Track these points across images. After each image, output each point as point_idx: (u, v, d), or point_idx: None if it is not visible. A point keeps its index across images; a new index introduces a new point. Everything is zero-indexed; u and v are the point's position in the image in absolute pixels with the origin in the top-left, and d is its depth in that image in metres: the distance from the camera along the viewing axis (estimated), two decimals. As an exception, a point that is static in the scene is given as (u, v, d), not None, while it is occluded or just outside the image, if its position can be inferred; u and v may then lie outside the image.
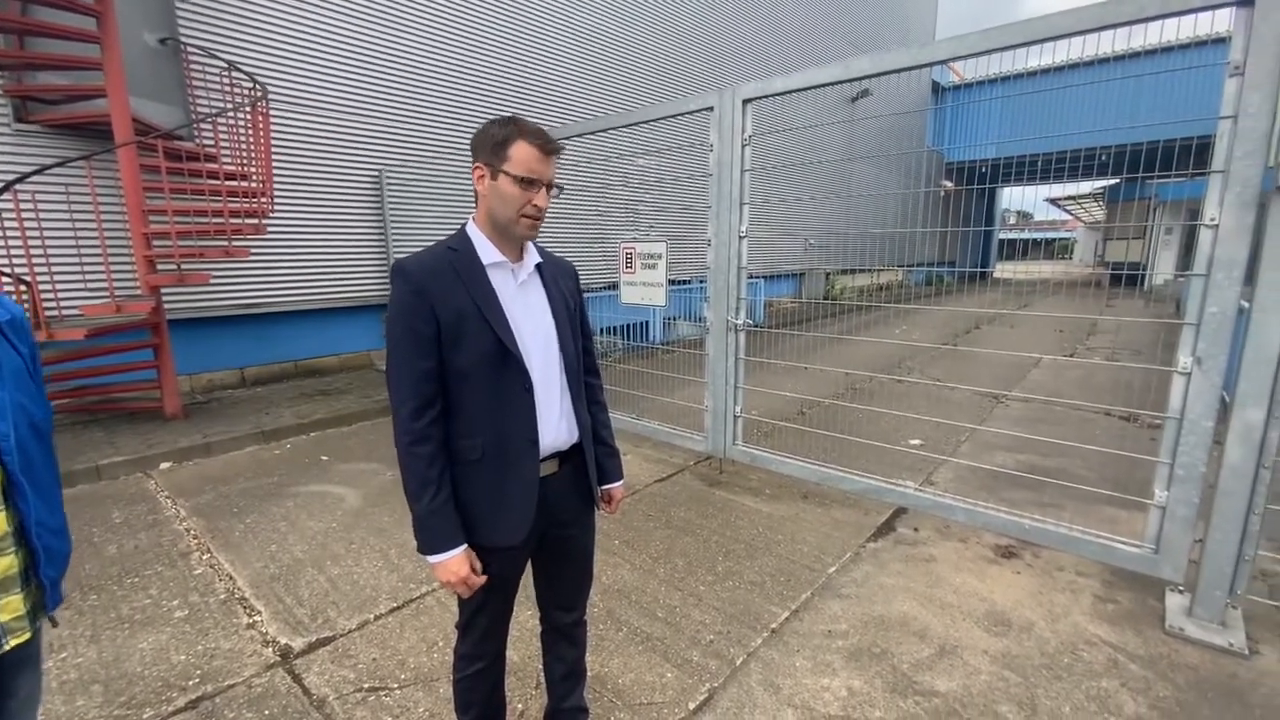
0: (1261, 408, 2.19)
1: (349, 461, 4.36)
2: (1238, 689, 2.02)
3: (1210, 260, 2.25)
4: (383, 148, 7.05)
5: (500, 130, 1.27)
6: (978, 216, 23.64)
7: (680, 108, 3.74)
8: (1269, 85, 2.01)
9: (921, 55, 2.86)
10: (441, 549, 1.28)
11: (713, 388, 3.84)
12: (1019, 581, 2.70)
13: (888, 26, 17.96)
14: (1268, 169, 2.08)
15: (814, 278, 13.86)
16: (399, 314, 1.26)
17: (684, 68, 11.05)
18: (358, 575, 2.81)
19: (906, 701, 1.99)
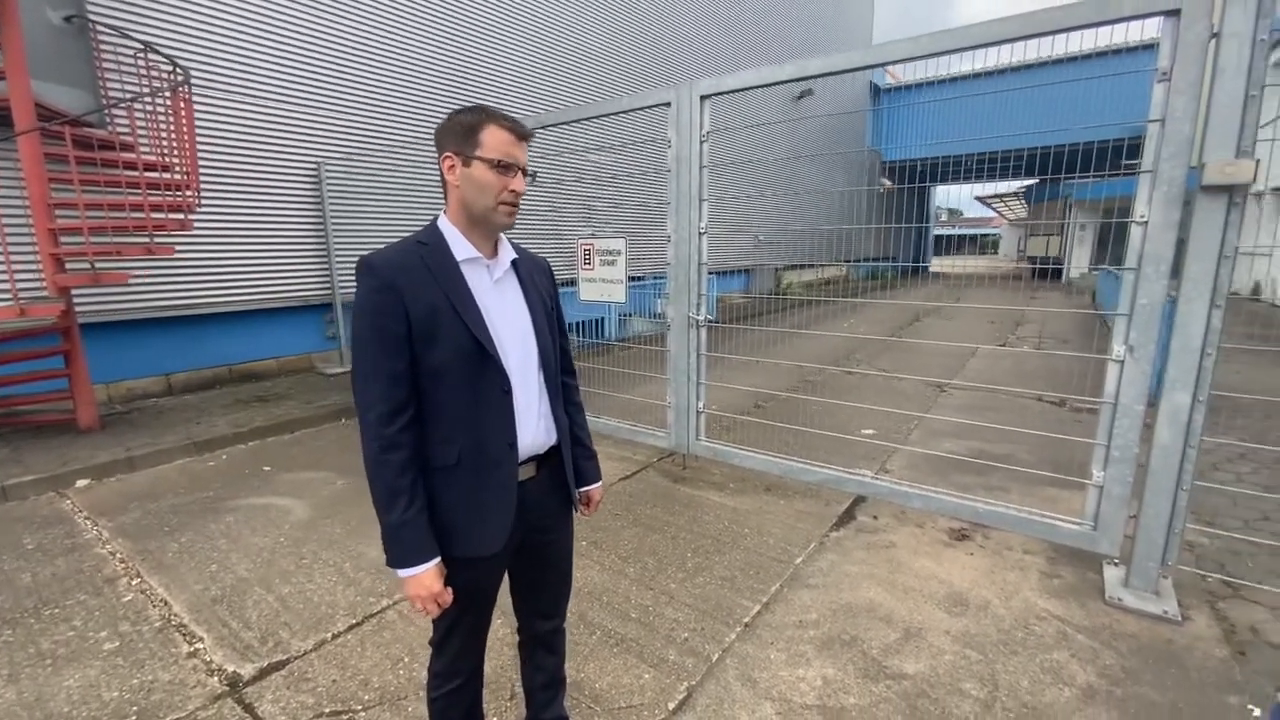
0: (1188, 392, 2.35)
1: (294, 471, 4.12)
2: (1175, 654, 2.17)
3: (1140, 255, 2.41)
4: (322, 139, 6.69)
5: (469, 117, 1.20)
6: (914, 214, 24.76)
7: (637, 102, 3.70)
8: (1193, 90, 2.16)
9: (874, 56, 2.94)
10: (413, 562, 1.21)
11: (675, 384, 3.84)
12: (973, 563, 2.83)
13: (826, 28, 18.48)
14: (1191, 169, 2.23)
15: (763, 273, 14.14)
16: (366, 312, 1.17)
17: (630, 65, 11.01)
18: (311, 592, 2.65)
19: (878, 686, 2.05)
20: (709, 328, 3.80)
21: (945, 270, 22.37)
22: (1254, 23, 2.00)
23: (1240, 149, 2.09)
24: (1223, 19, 2.05)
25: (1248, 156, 2.08)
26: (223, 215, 6.00)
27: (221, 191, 5.95)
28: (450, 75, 7.88)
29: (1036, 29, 2.46)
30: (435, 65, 7.69)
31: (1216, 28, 2.08)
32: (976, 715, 1.92)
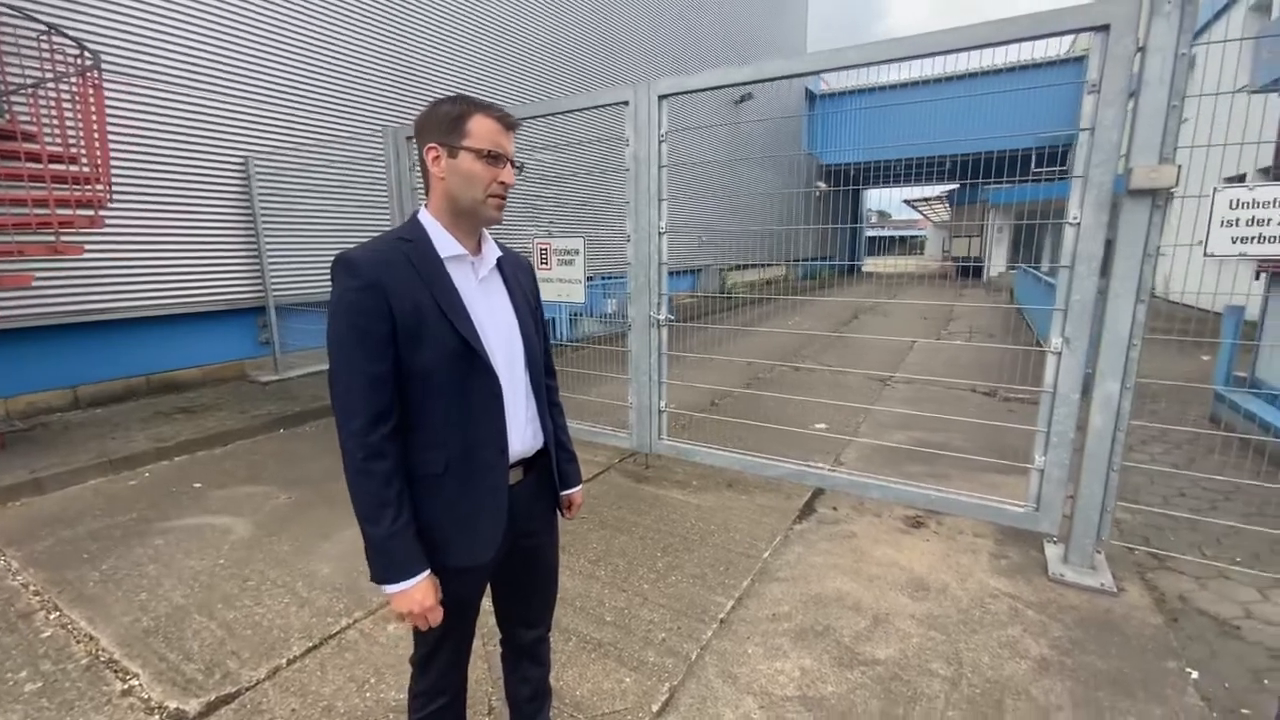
0: (1117, 380, 2.55)
1: (230, 486, 3.84)
2: (1114, 623, 2.34)
3: (1074, 254, 2.58)
4: (250, 131, 6.27)
5: (453, 107, 1.14)
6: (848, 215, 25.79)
7: (595, 100, 3.66)
8: (1120, 102, 2.34)
9: (829, 60, 3.03)
10: (403, 577, 1.14)
11: (637, 383, 3.82)
12: (929, 548, 2.96)
13: (765, 34, 18.99)
14: (1118, 175, 2.42)
15: (710, 273, 14.36)
16: (346, 312, 1.09)
17: (581, 65, 10.92)
18: (260, 616, 2.47)
19: (854, 673, 2.10)
20: (669, 327, 3.81)
21: (878, 270, 23.45)
22: (1176, 38, 2.18)
23: (1163, 155, 2.28)
24: (1148, 34, 2.23)
25: (1169, 162, 2.27)
26: (139, 211, 5.52)
27: (137, 186, 5.47)
28: (392, 68, 7.57)
29: (983, 40, 2.59)
30: (375, 58, 7.36)
31: (1142, 42, 2.25)
32: (945, 693, 2.00)
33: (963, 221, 25.42)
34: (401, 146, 4.63)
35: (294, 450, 4.53)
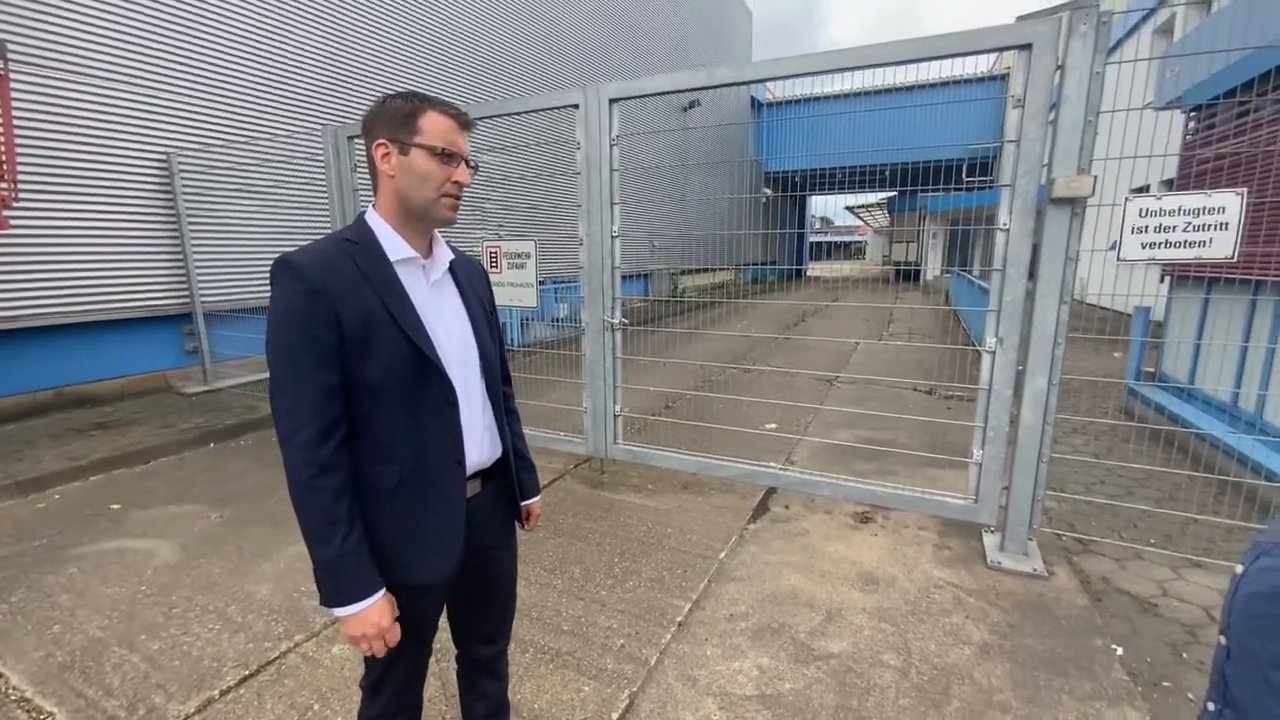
0: (1044, 376, 2.71)
1: (152, 507, 3.57)
2: (1046, 605, 2.49)
3: (1004, 258, 2.74)
4: (173, 126, 5.88)
5: (405, 103, 1.10)
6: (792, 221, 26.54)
7: (545, 103, 3.63)
8: (1042, 116, 2.50)
9: (769, 70, 3.10)
10: (356, 598, 1.07)
11: (591, 388, 3.80)
12: (877, 542, 3.06)
13: (712, 40, 19.35)
14: (1041, 185, 2.58)
15: (660, 277, 14.45)
16: (289, 320, 1.03)
17: (529, 67, 10.81)
18: (189, 645, 2.30)
19: (810, 669, 2.14)
20: (623, 331, 3.80)
21: (822, 274, 24.23)
22: (1091, 57, 2.35)
23: (1080, 167, 2.44)
24: (1066, 53, 2.39)
25: (1086, 173, 2.44)
26: (48, 210, 5.08)
27: (46, 183, 5.04)
28: (330, 65, 7.27)
29: (915, 54, 2.71)
30: (313, 53, 7.05)
31: (1061, 61, 2.41)
32: (896, 682, 2.07)
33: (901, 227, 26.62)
34: (342, 146, 4.45)
35: (226, 466, 4.27)
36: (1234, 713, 0.67)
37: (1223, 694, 0.69)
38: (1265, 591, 0.63)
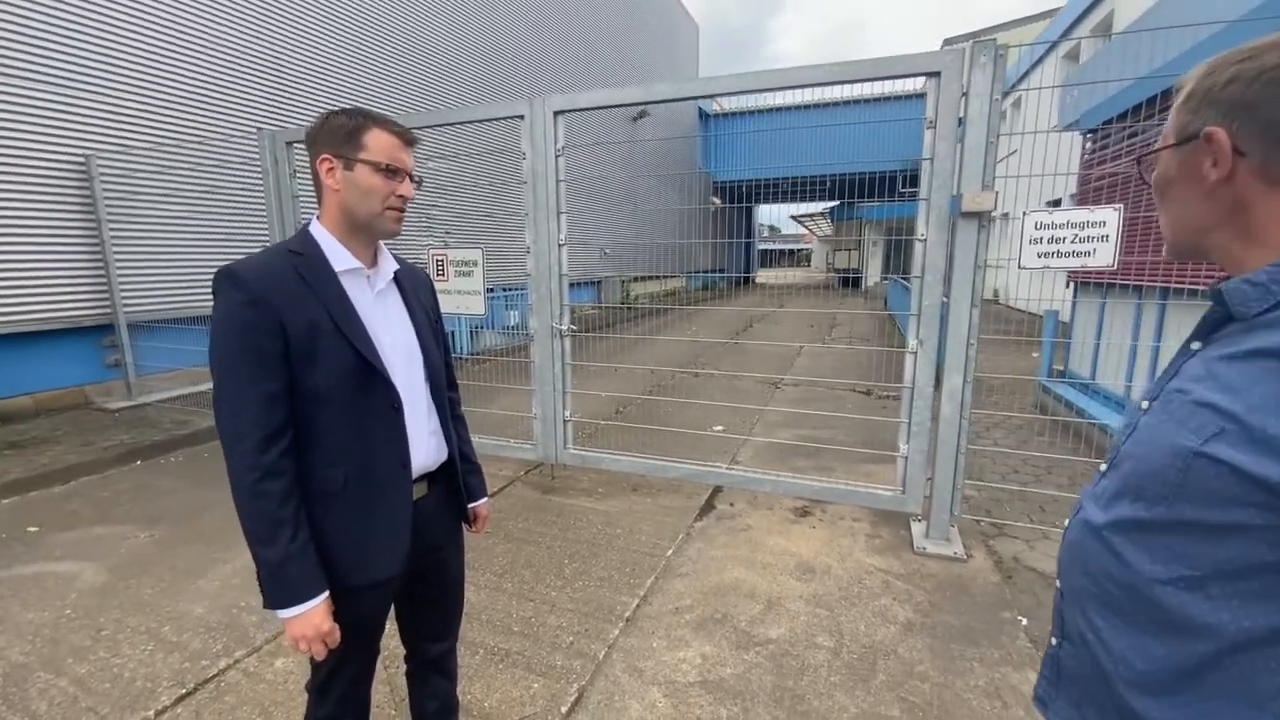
0: (960, 374, 2.95)
1: (75, 529, 3.38)
2: (963, 584, 2.70)
3: (923, 266, 2.97)
4: (92, 127, 5.58)
5: (349, 120, 1.15)
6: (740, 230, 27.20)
7: (490, 113, 3.68)
8: (951, 136, 2.74)
9: (707, 87, 3.28)
10: (299, 600, 1.10)
11: (541, 394, 3.85)
12: (815, 534, 3.23)
13: (661, 54, 19.70)
14: (953, 198, 2.82)
15: (611, 285, 14.56)
16: (234, 330, 1.06)
17: (479, 77, 10.75)
18: (119, 667, 2.22)
19: (749, 654, 2.27)
20: (571, 337, 3.87)
21: (769, 281, 24.92)
22: (990, 85, 2.60)
23: (984, 183, 2.69)
24: (969, 81, 2.63)
25: (989, 189, 2.69)
26: (-56, 216, 4.73)
27: (-59, 186, 4.70)
28: (266, 67, 7.04)
29: (838, 77, 2.93)
30: (245, 53, 6.81)
31: (965, 88, 2.66)
32: (829, 661, 2.21)
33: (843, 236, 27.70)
34: (280, 152, 4.35)
35: (154, 484, 4.08)
36: (1069, 643, 0.81)
37: (1060, 629, 0.83)
38: (1075, 536, 0.78)
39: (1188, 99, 0.70)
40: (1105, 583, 0.72)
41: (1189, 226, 0.73)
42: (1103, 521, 0.73)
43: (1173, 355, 0.76)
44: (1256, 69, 0.63)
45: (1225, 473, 0.59)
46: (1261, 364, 0.59)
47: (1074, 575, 0.77)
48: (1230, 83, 0.65)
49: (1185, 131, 0.70)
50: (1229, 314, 0.67)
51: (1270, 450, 0.56)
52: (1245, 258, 0.67)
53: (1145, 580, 0.67)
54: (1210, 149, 0.66)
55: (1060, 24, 13.19)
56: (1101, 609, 0.73)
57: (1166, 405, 0.69)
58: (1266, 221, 0.65)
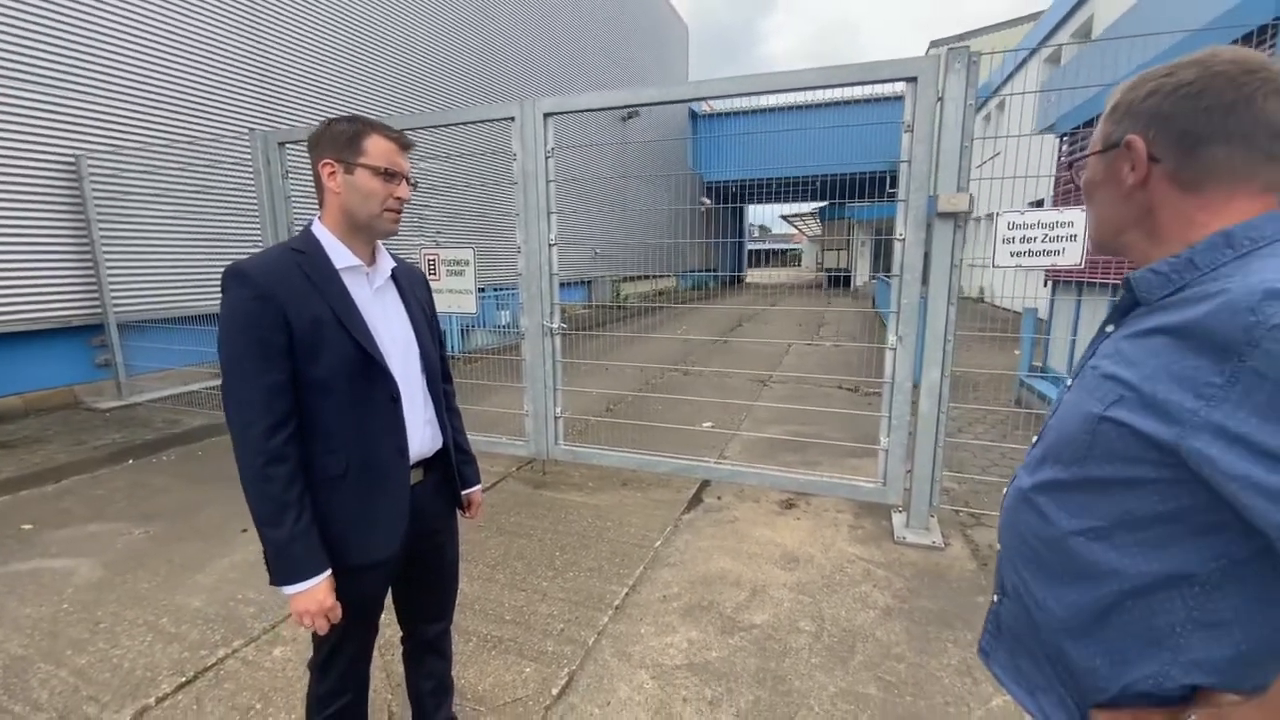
0: (938, 369, 3.05)
1: (69, 526, 3.41)
2: (941, 572, 2.80)
3: (902, 265, 3.07)
4: (82, 127, 5.58)
5: (349, 126, 1.22)
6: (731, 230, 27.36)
7: (481, 115, 3.74)
8: (928, 140, 2.84)
9: (694, 90, 3.35)
10: (304, 577, 1.18)
11: (532, 391, 3.91)
12: (800, 526, 3.33)
13: (652, 52, 19.79)
14: (929, 198, 2.92)
15: (602, 284, 14.62)
16: (242, 324, 1.13)
17: (465, 77, 10.78)
18: (119, 657, 2.27)
19: (734, 638, 2.35)
20: (561, 335, 3.94)
21: (759, 280, 25.09)
22: (964, 90, 2.70)
23: (959, 185, 2.79)
24: (944, 86, 2.73)
25: (964, 191, 2.79)
26: (-68, 216, 4.73)
27: (-71, 186, 4.69)
28: (256, 68, 7.05)
29: (820, 82, 3.02)
30: (234, 54, 6.82)
31: (941, 93, 2.76)
32: (810, 645, 2.30)
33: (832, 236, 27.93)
34: (272, 152, 4.39)
35: (148, 483, 4.10)
36: (1009, 599, 0.90)
37: (1000, 587, 0.92)
38: (1009, 502, 0.87)
39: (1113, 110, 0.79)
40: (1031, 539, 0.81)
41: (1110, 226, 0.83)
42: (1029, 485, 0.82)
43: (1092, 338, 0.85)
44: (1173, 84, 0.72)
45: (1125, 433, 0.68)
46: (1158, 340, 0.68)
47: (1008, 536, 0.86)
48: (1149, 95, 0.74)
49: (1109, 139, 0.79)
50: (1136, 300, 0.77)
51: (1160, 413, 0.65)
52: (1152, 254, 0.77)
53: (1062, 534, 0.76)
54: (1129, 155, 0.75)
55: (1042, 28, 13.43)
56: (1028, 564, 0.82)
57: (1082, 381, 0.78)
58: (1170, 223, 0.75)
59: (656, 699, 2.04)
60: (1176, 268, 0.71)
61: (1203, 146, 0.70)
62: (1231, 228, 0.70)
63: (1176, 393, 0.63)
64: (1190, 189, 0.72)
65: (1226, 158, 0.69)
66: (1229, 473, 0.59)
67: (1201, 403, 0.61)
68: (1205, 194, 0.72)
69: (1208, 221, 0.72)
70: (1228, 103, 0.68)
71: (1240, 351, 0.58)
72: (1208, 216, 0.72)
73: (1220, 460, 0.59)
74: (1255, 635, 0.65)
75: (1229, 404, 0.59)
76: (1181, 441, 0.62)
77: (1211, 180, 0.71)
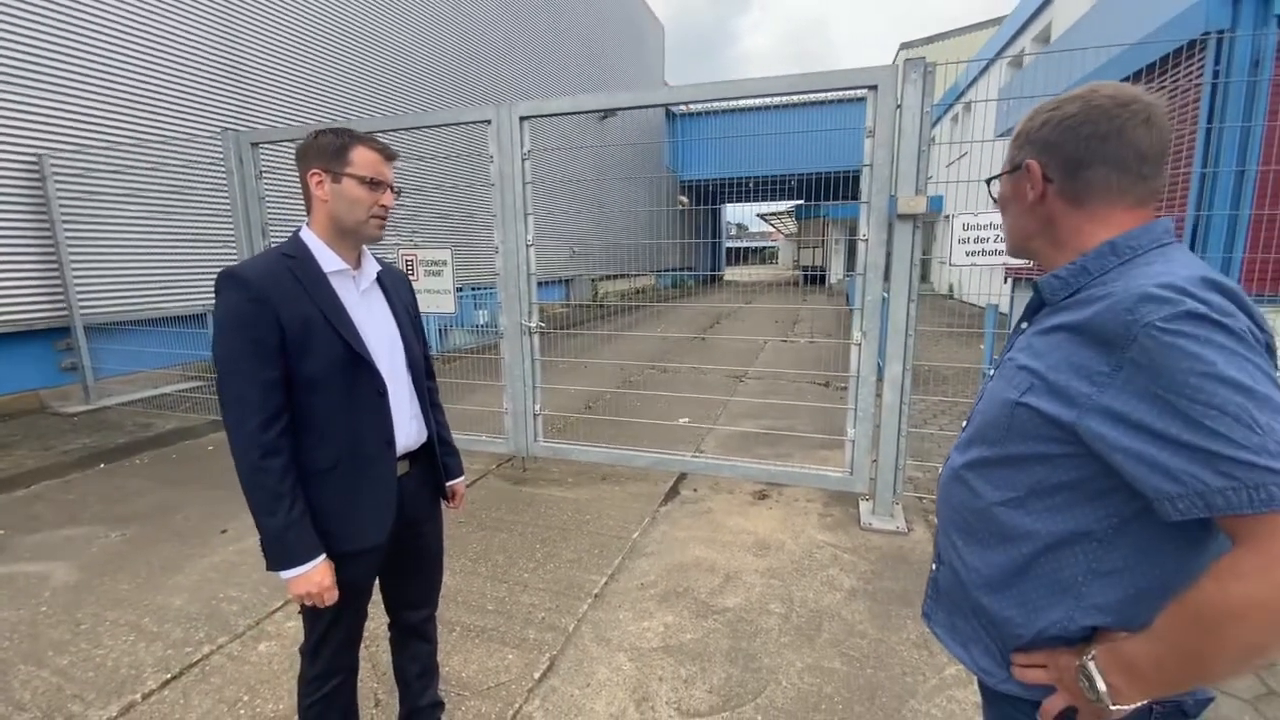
0: (900, 363, 3.20)
1: (42, 531, 3.39)
2: (904, 555, 2.96)
3: (865, 264, 3.21)
4: (46, 124, 5.46)
5: (336, 138, 1.29)
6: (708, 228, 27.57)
7: (458, 117, 3.79)
8: (888, 145, 2.98)
9: (668, 95, 3.47)
10: (300, 562, 1.25)
11: (511, 389, 3.98)
12: (772, 515, 3.46)
13: (624, 54, 19.85)
14: (890, 199, 3.06)
15: (581, 283, 14.66)
16: (237, 325, 1.20)
17: (442, 78, 10.72)
18: (101, 657, 2.29)
19: (708, 621, 2.47)
20: (540, 334, 4.02)
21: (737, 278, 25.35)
22: (921, 99, 2.85)
23: (917, 188, 2.94)
24: (903, 95, 2.88)
25: (922, 193, 2.94)
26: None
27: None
28: (228, 68, 6.95)
29: (789, 88, 3.15)
30: (207, 54, 6.71)
31: (899, 101, 2.90)
32: (779, 626, 2.43)
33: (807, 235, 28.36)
34: (245, 153, 4.37)
35: (121, 486, 4.07)
36: (945, 567, 1.01)
37: (937, 555, 1.03)
38: (944, 479, 0.98)
39: (1016, 137, 0.92)
40: (963, 511, 0.93)
41: (1020, 234, 0.95)
42: (960, 463, 0.94)
43: (1010, 333, 0.98)
44: (1060, 116, 0.84)
45: (1035, 415, 0.80)
46: (1059, 335, 0.80)
47: (943, 509, 0.98)
48: (1043, 126, 0.86)
49: (1014, 162, 0.91)
50: (1042, 300, 0.89)
51: (1062, 397, 0.76)
52: (1055, 259, 0.89)
53: (986, 504, 0.88)
54: (1028, 176, 0.87)
55: (1004, 33, 13.84)
56: (959, 532, 0.94)
57: (1002, 371, 0.90)
58: (1068, 233, 0.87)
59: (634, 679, 2.14)
60: (1073, 273, 0.84)
61: (1084, 169, 0.82)
62: (1115, 238, 0.82)
63: (1074, 380, 0.75)
64: (1077, 204, 0.84)
65: (1104, 178, 0.82)
66: (1116, 446, 0.70)
67: (1094, 388, 0.72)
68: (1090, 208, 0.84)
69: (1095, 231, 0.84)
70: (1103, 133, 0.80)
71: (1123, 345, 0.70)
72: (1094, 227, 0.84)
73: (1109, 436, 0.71)
74: (1141, 580, 0.77)
75: (1114, 389, 0.71)
76: (1079, 421, 0.74)
77: (1094, 197, 0.83)
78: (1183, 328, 0.65)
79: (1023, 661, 0.85)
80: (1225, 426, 0.62)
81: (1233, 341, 0.65)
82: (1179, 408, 0.65)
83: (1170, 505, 0.66)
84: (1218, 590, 0.63)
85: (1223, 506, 0.62)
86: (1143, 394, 0.68)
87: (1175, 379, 0.65)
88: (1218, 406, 0.62)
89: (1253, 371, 0.63)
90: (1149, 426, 0.67)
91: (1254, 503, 0.60)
